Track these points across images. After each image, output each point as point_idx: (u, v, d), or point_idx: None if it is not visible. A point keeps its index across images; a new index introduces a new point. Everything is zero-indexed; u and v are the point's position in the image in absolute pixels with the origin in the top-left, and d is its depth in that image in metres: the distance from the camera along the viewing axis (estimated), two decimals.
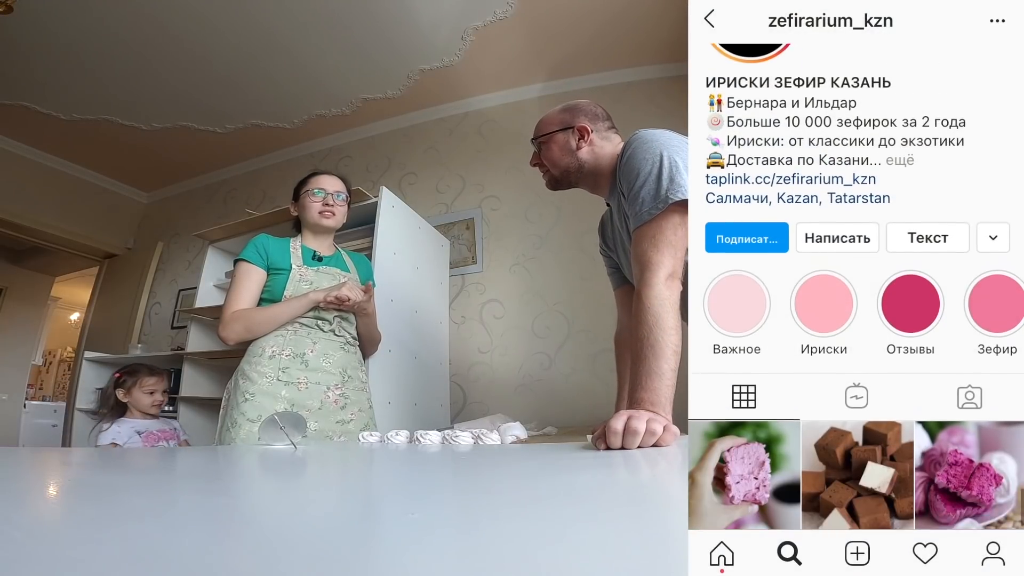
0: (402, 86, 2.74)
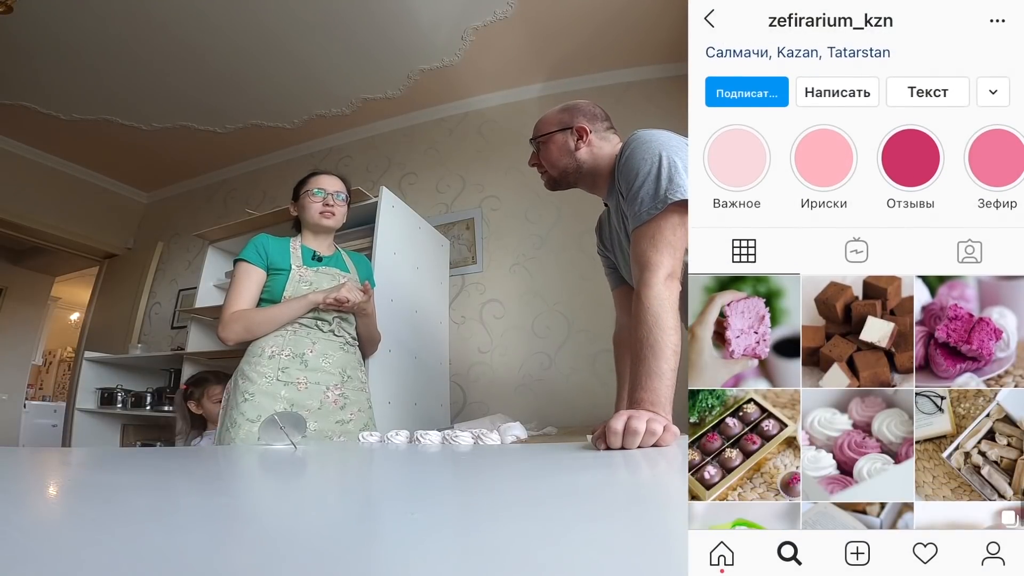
0: (402, 86, 2.74)
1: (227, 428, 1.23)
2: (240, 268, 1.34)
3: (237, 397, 1.25)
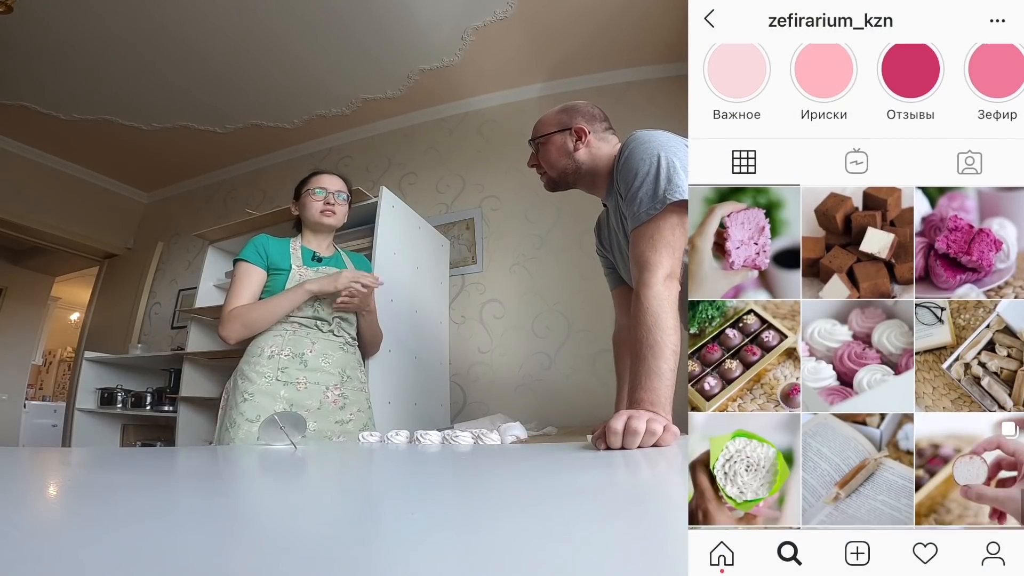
0: (402, 86, 2.74)
1: (226, 428, 1.23)
2: (240, 268, 1.34)
3: (236, 397, 1.25)
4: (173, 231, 3.64)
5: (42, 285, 4.89)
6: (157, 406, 2.75)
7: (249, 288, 1.32)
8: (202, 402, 2.46)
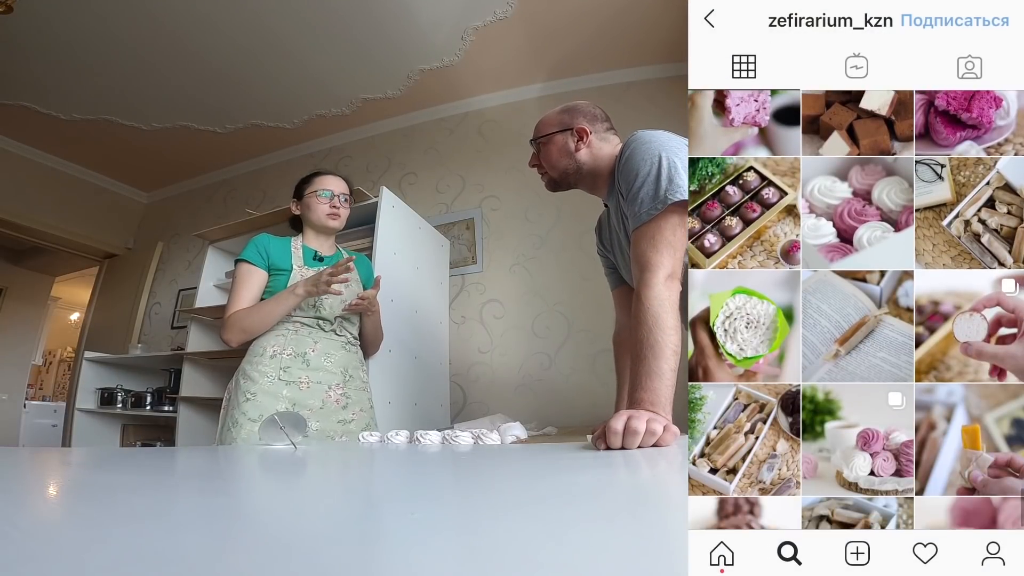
0: (402, 86, 2.74)
1: (228, 428, 1.23)
2: (241, 269, 1.34)
3: (239, 396, 1.25)
4: (173, 231, 3.64)
5: (42, 285, 4.88)
6: (157, 406, 2.75)
7: (250, 290, 1.32)
8: (202, 402, 2.46)
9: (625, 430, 0.64)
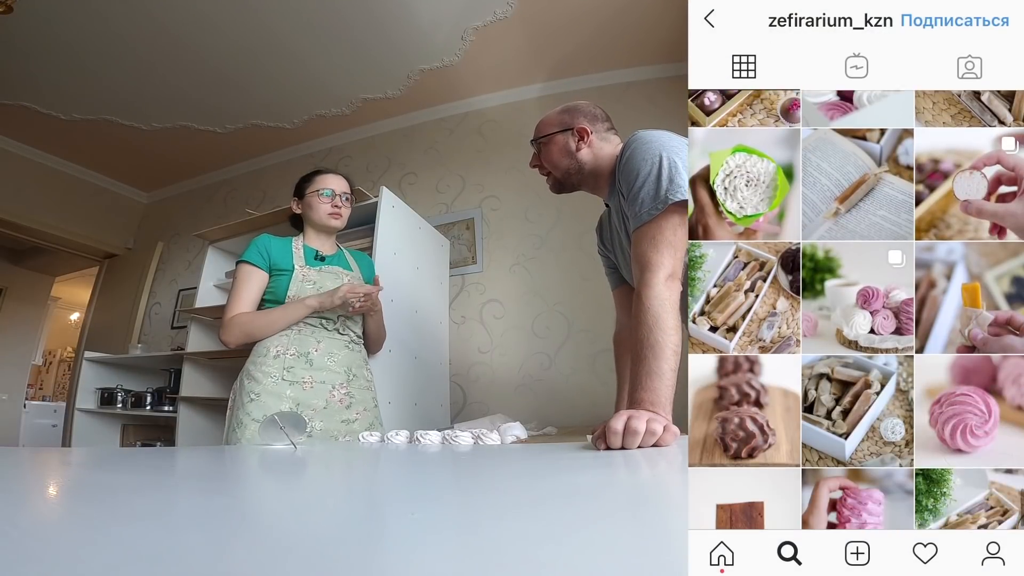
0: (402, 86, 2.74)
1: (233, 428, 1.23)
2: (242, 270, 1.33)
3: (243, 397, 1.25)
4: (173, 231, 3.64)
5: (42, 285, 4.88)
6: (157, 406, 2.75)
7: (250, 292, 1.32)
8: (202, 402, 2.46)
9: (625, 430, 0.64)
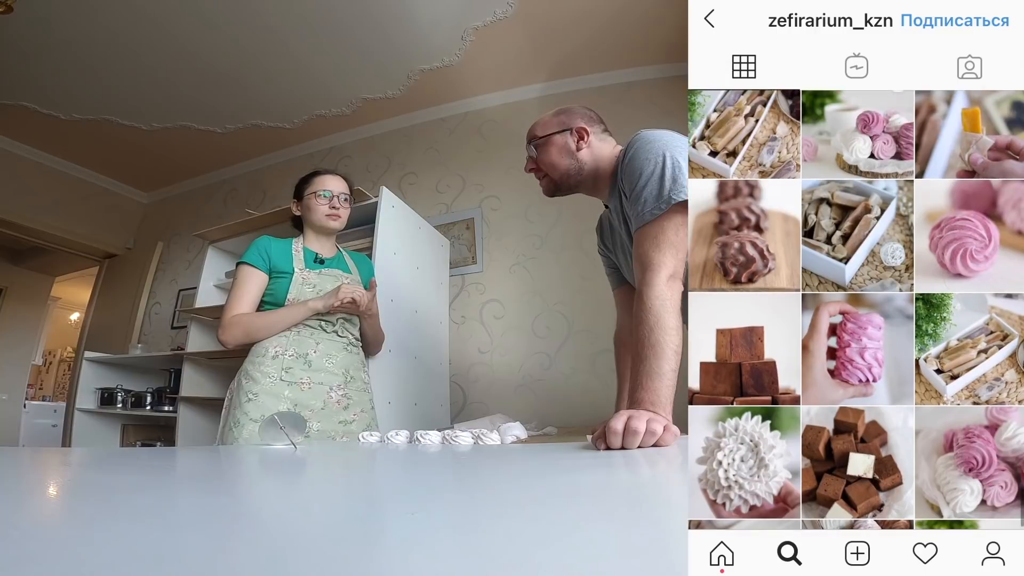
0: (402, 86, 2.74)
1: (230, 428, 1.23)
2: (242, 271, 1.34)
3: (241, 397, 1.25)
4: (173, 231, 3.64)
5: (42, 285, 4.88)
6: (157, 406, 2.75)
7: (250, 293, 1.32)
8: (202, 402, 2.46)
9: (625, 430, 0.64)
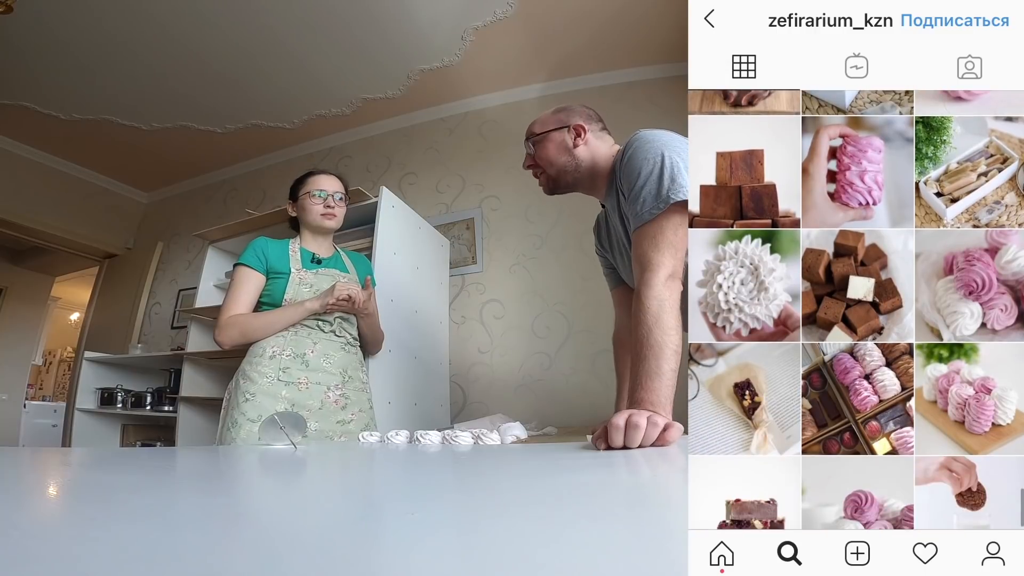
0: (402, 86, 2.73)
1: (228, 428, 1.23)
2: (239, 272, 1.34)
3: (238, 397, 1.25)
4: (173, 231, 3.64)
5: (42, 285, 4.88)
6: (157, 406, 2.75)
7: (247, 294, 1.32)
8: (202, 402, 2.46)
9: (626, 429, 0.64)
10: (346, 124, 3.07)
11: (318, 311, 1.30)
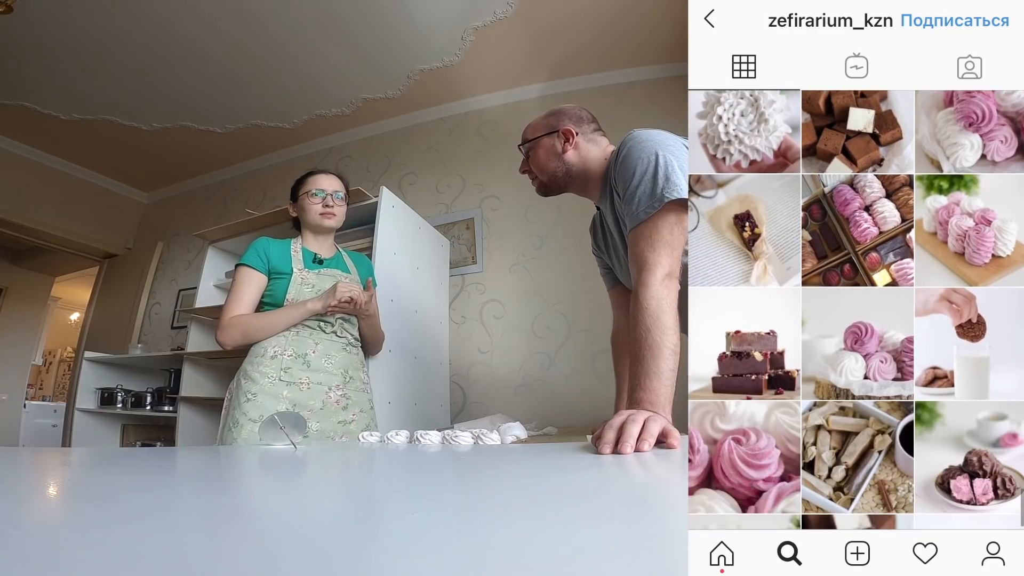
0: (402, 86, 2.73)
1: (229, 428, 1.23)
2: (241, 273, 1.34)
3: (240, 397, 1.25)
4: (173, 231, 3.64)
5: (42, 285, 4.88)
6: (157, 406, 2.75)
7: (249, 294, 1.32)
8: (202, 402, 2.46)
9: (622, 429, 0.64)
10: (346, 124, 3.07)
11: (320, 311, 1.30)
